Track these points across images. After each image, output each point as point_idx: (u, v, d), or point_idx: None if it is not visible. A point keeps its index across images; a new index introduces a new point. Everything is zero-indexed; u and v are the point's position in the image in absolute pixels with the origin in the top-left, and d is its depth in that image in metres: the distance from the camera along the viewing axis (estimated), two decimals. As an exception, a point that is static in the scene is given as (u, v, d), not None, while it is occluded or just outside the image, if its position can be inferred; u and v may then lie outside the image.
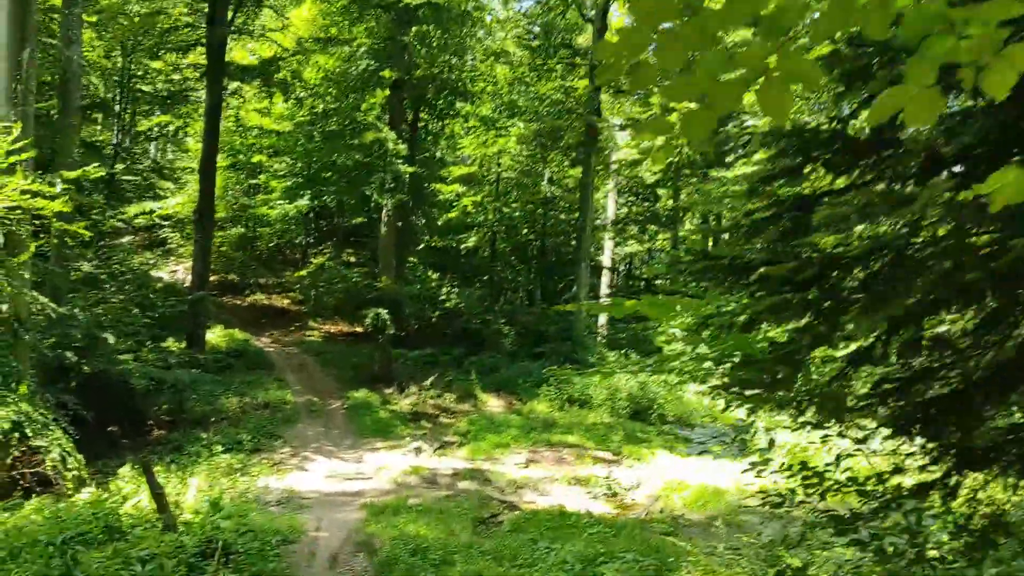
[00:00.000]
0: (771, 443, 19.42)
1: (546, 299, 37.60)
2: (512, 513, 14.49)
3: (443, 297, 34.30)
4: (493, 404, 25.74)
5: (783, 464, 9.02)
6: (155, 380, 21.00)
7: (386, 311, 24.24)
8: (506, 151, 36.27)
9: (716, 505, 15.05)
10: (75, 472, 14.63)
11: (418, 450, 18.84)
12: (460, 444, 20.25)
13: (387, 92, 25.19)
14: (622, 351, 29.68)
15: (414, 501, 14.34)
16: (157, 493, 9.15)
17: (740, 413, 24.59)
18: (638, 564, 10.39)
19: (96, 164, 16.61)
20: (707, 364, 22.76)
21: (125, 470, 15.11)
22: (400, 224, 26.33)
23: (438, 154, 33.04)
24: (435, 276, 34.91)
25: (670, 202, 44.49)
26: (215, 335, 28.27)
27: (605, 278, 38.95)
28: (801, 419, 9.43)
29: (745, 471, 17.06)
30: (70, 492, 13.66)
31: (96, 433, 17.80)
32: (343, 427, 21.26)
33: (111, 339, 19.46)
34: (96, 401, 18.32)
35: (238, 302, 36.11)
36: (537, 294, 39.20)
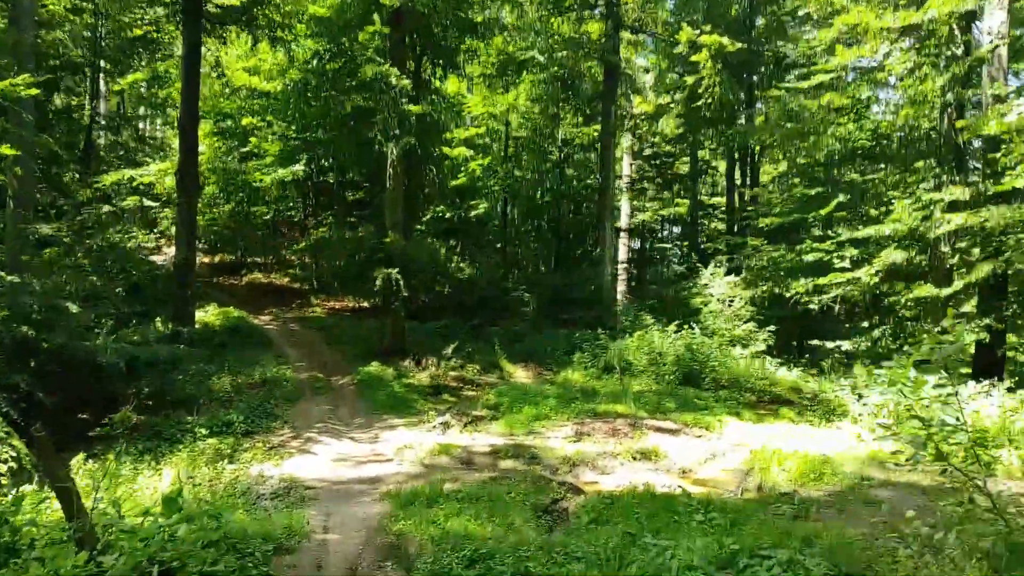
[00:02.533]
0: (865, 404, 15.92)
1: (564, 264, 33.98)
2: (578, 498, 10.91)
3: (455, 267, 30.74)
4: (520, 375, 22.15)
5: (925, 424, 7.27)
6: (134, 359, 17.39)
7: (397, 271, 20.60)
8: (516, 108, 32.60)
9: (833, 478, 11.47)
10: (11, 465, 11.18)
11: (445, 425, 15.26)
12: (492, 418, 16.67)
13: (387, 29, 21.47)
14: (654, 315, 26.07)
15: (451, 487, 10.76)
16: (61, 489, 5.54)
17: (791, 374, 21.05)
18: (799, 564, 6.83)
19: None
20: (748, 325, 18.33)
21: (78, 461, 11.50)
22: (408, 178, 22.66)
23: (442, 114, 29.41)
24: (444, 247, 31.28)
25: (686, 167, 40.84)
26: (208, 314, 24.67)
27: (623, 242, 35.38)
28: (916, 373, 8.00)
29: (871, 435, 13.07)
30: (4, 492, 10.13)
31: (61, 420, 14.32)
32: (353, 404, 17.66)
33: (74, 309, 15.86)
34: (61, 384, 14.94)
35: (234, 282, 32.51)
36: (553, 261, 35.66)
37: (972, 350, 20.31)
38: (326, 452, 13.48)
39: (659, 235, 45.39)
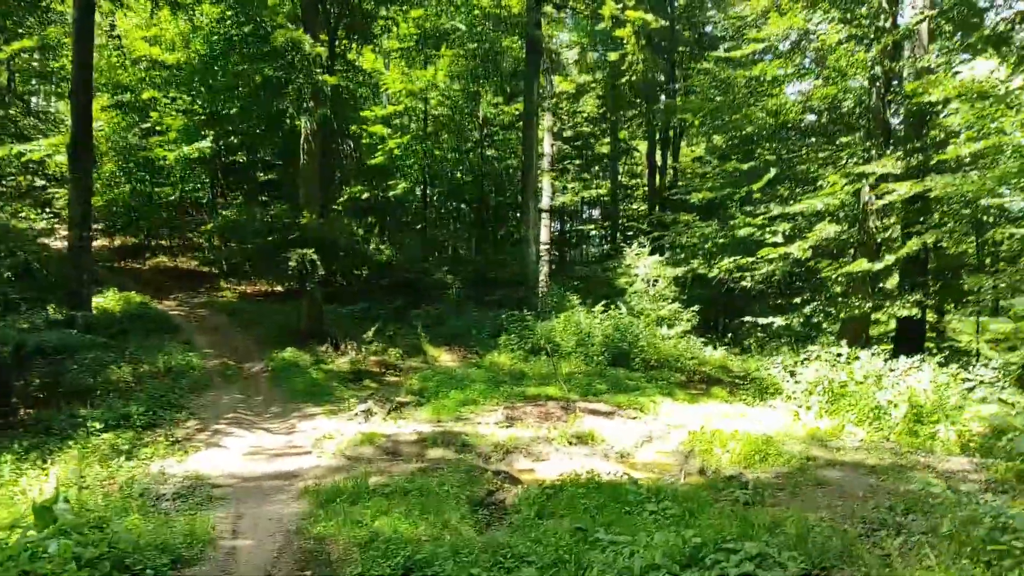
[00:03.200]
0: (799, 382, 15.50)
1: (487, 246, 33.07)
2: (515, 488, 10.05)
3: (373, 249, 29.47)
4: (445, 358, 21.18)
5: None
6: (20, 345, 15.75)
7: (312, 251, 19.34)
8: (435, 85, 31.40)
9: (778, 459, 10.90)
10: None
11: (368, 413, 14.19)
12: (417, 404, 15.68)
13: (299, -4, 20.10)
14: (579, 295, 25.40)
15: (377, 480, 9.74)
16: None
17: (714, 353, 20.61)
18: (770, 558, 6.10)
19: None
20: (673, 305, 17.46)
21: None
22: (323, 153, 21.34)
23: (359, 88, 28.06)
24: (362, 228, 29.91)
25: (607, 148, 40.29)
26: (108, 299, 22.88)
27: (545, 223, 34.63)
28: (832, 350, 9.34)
29: (807, 412, 12.44)
30: None
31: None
32: (267, 392, 16.42)
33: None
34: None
35: (137, 266, 30.50)
36: (473, 243, 34.70)
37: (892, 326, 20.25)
38: (237, 445, 12.28)
39: (580, 216, 44.84)
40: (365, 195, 30.93)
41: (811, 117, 17.69)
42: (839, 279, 16.21)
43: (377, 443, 12.29)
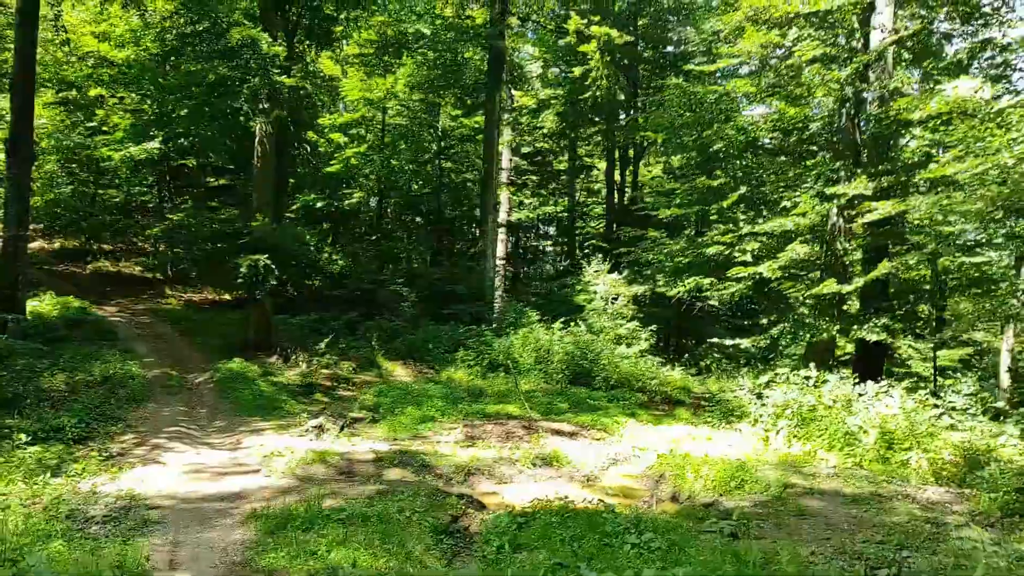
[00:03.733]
0: (765, 405, 15.02)
1: (443, 259, 32.29)
2: (481, 513, 9.32)
3: (326, 259, 28.52)
4: (400, 373, 20.34)
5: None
6: (-58, 352, 14.65)
7: (265, 257, 18.40)
8: (394, 94, 30.66)
9: (755, 486, 10.32)
10: None
11: (320, 429, 13.31)
12: (372, 420, 14.85)
13: (258, -7, 19.25)
14: (537, 311, 24.77)
15: (331, 503, 8.91)
16: None
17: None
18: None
19: None
20: (632, 323, 16.80)
21: None
22: (278, 157, 20.42)
23: (317, 93, 27.16)
24: (315, 238, 28.91)
25: (564, 165, 39.88)
26: (44, 304, 21.57)
27: (502, 237, 34.00)
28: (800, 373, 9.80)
29: (774, 436, 11.86)
30: None
31: None
32: (212, 405, 15.42)
33: None
34: None
35: (77, 270, 29.01)
36: (428, 256, 33.85)
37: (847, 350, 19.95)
38: (177, 461, 11.31)
39: (536, 233, 44.32)
40: (319, 204, 29.95)
41: (779, 136, 17.35)
42: (807, 300, 15.84)
43: (330, 462, 11.44)
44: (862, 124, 15.98)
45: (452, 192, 34.66)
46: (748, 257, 15.64)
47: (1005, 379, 22.85)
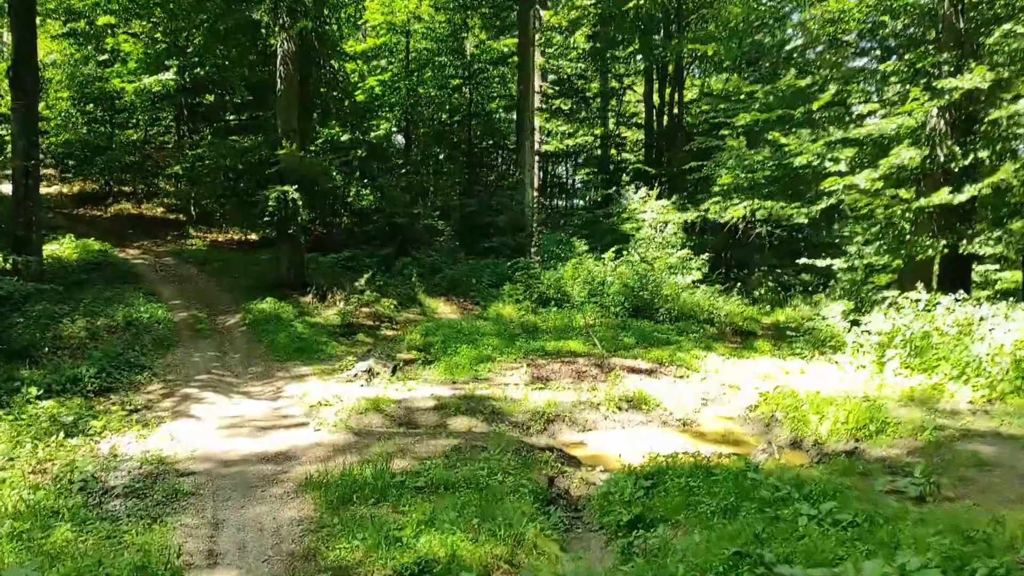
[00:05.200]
0: (867, 332, 13.12)
1: (477, 190, 30.25)
2: (577, 472, 7.54)
3: (355, 194, 26.59)
4: (444, 310, 18.58)
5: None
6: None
7: (294, 189, 16.53)
8: (418, 17, 28.30)
9: (899, 429, 8.47)
10: None
11: (370, 374, 11.58)
12: (425, 362, 13.11)
13: None
14: (586, 241, 22.85)
15: (402, 465, 7.18)
16: None
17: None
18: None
19: None
20: (683, 251, 14.16)
21: None
22: (302, 78, 18.36)
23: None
24: (342, 173, 26.91)
25: (595, 85, 37.30)
26: (63, 247, 19.92)
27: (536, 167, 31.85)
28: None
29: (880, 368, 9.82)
30: None
31: None
32: (246, 349, 13.75)
33: None
34: None
35: (98, 213, 27.32)
36: (457, 189, 31.77)
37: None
38: (211, 414, 9.63)
39: (569, 162, 42.07)
40: (345, 137, 27.89)
41: (869, 26, 14.98)
42: (907, 215, 13.81)
43: (386, 411, 9.72)
44: (964, 10, 13.73)
45: (482, 122, 32.47)
46: (842, 167, 13.59)
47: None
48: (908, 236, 13.89)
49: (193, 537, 5.63)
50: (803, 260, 15.96)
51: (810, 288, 24.12)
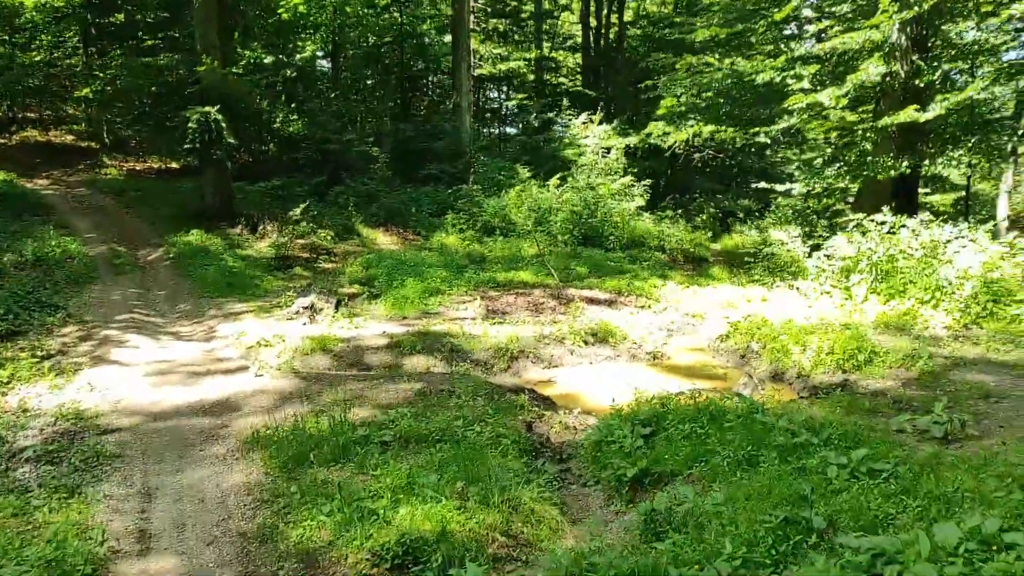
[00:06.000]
0: (830, 258, 12.59)
1: (412, 115, 28.78)
2: (556, 416, 6.76)
3: (282, 120, 24.94)
4: (384, 241, 17.51)
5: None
6: None
7: (216, 110, 15.04)
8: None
9: (888, 359, 7.89)
10: None
11: (312, 310, 10.52)
12: (370, 296, 12.11)
13: None
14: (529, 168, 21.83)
15: (362, 414, 6.26)
16: None
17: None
18: None
19: None
20: (625, 179, 13.50)
21: None
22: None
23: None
24: (266, 98, 25.08)
25: (529, 6, 35.73)
26: (-39, 178, 18.03)
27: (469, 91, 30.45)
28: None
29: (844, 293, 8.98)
30: None
31: None
32: (173, 285, 12.51)
33: None
34: None
35: (2, 141, 25.05)
36: (389, 116, 30.19)
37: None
38: (136, 360, 8.50)
39: (503, 87, 40.58)
40: (268, 59, 25.97)
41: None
42: (869, 135, 13.22)
43: (335, 351, 8.75)
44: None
45: (414, 45, 30.75)
46: (805, 84, 12.85)
47: (1003, 225, 20.86)
48: (870, 157, 13.30)
49: (120, 513, 4.66)
50: (761, 184, 15.34)
51: (752, 214, 23.69)
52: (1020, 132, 16.05)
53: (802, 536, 3.71)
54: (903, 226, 11.98)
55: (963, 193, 28.83)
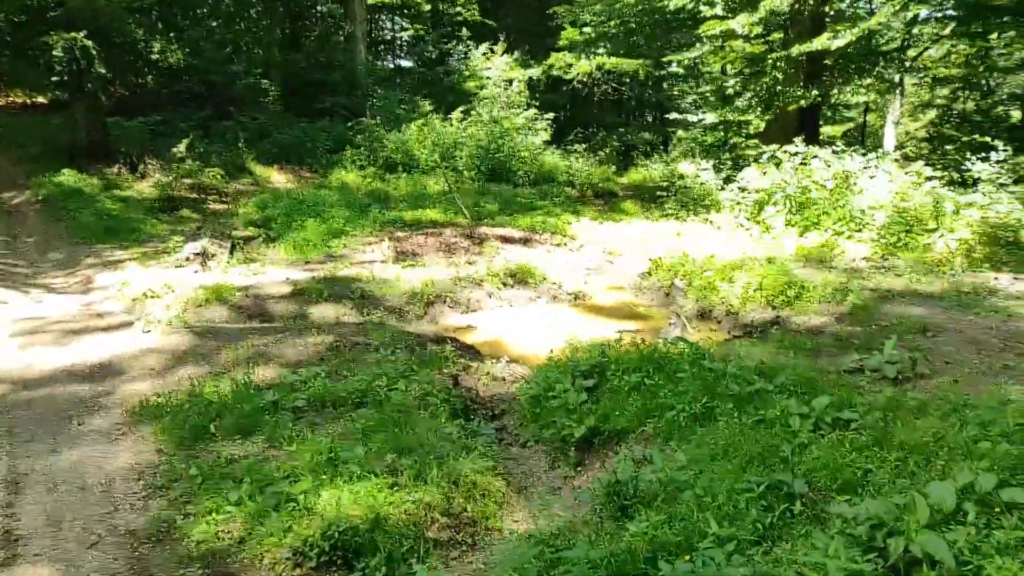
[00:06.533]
0: (744, 191, 12.35)
1: (303, 45, 27.10)
2: (482, 367, 6.21)
3: (160, 50, 22.98)
4: (279, 179, 16.40)
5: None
6: None
7: (83, 36, 13.50)
8: None
9: (816, 294, 7.64)
10: None
11: (204, 256, 9.56)
12: (267, 239, 11.19)
13: None
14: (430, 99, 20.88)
15: (268, 374, 5.55)
16: None
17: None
18: None
19: None
20: (529, 112, 13.13)
21: None
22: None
23: None
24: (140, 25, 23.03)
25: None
26: None
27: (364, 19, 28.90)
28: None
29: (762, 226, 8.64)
30: None
31: None
32: (42, 231, 11.27)
33: None
34: None
35: None
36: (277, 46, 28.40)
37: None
38: (1, 317, 7.45)
39: (395, 16, 38.83)
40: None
41: None
42: (780, 64, 12.94)
43: (232, 301, 7.91)
44: None
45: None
46: (719, 10, 12.41)
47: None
48: (779, 87, 13.05)
49: (-21, 507, 3.86)
50: (674, 115, 14.95)
51: (656, 148, 23.46)
52: (907, 64, 16.21)
53: (785, 504, 3.28)
54: (815, 157, 11.82)
55: (850, 126, 29.41)
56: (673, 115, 15.02)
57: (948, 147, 22.18)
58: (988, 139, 11.56)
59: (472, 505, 3.76)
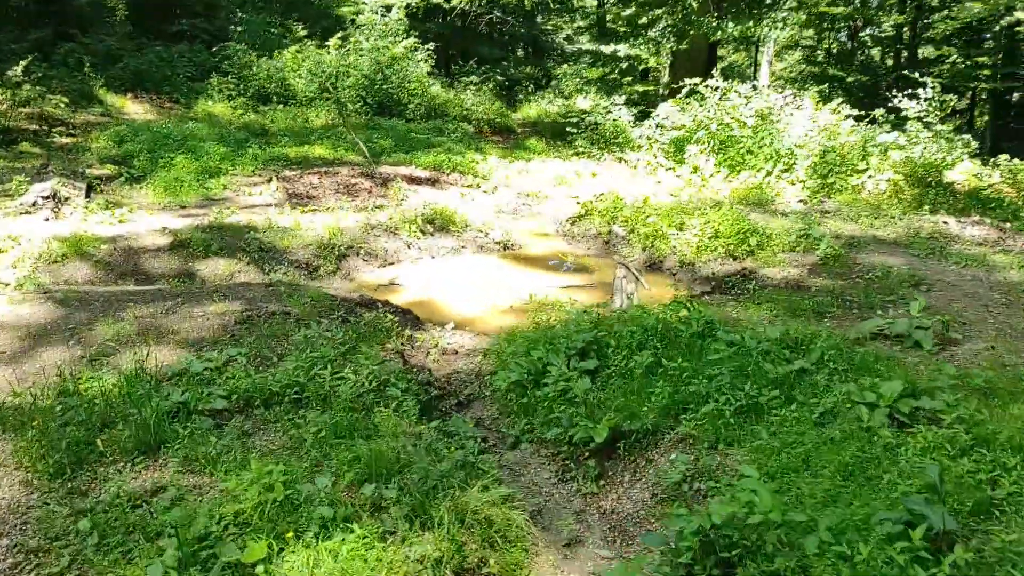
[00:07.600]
0: (660, 128, 11.55)
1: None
2: (423, 336, 5.12)
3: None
4: (135, 109, 14.29)
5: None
6: None
7: None
8: None
9: (780, 244, 6.92)
10: None
11: (55, 200, 7.80)
12: (131, 179, 9.45)
13: None
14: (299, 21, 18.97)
15: (165, 359, 4.20)
16: None
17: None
18: None
19: None
20: (409, 41, 12.16)
21: None
22: None
23: None
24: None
25: None
26: None
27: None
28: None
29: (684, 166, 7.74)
30: None
31: None
32: None
33: None
34: None
35: None
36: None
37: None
38: None
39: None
40: None
41: None
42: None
43: (96, 255, 6.39)
44: None
45: None
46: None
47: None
48: (694, 17, 12.25)
49: None
50: (586, 46, 13.91)
51: (540, 83, 22.40)
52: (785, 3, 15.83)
53: (922, 547, 2.41)
54: (736, 91, 11.12)
55: (723, 64, 29.28)
56: (587, 45, 13.93)
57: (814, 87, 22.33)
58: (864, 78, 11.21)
59: (493, 555, 2.71)
